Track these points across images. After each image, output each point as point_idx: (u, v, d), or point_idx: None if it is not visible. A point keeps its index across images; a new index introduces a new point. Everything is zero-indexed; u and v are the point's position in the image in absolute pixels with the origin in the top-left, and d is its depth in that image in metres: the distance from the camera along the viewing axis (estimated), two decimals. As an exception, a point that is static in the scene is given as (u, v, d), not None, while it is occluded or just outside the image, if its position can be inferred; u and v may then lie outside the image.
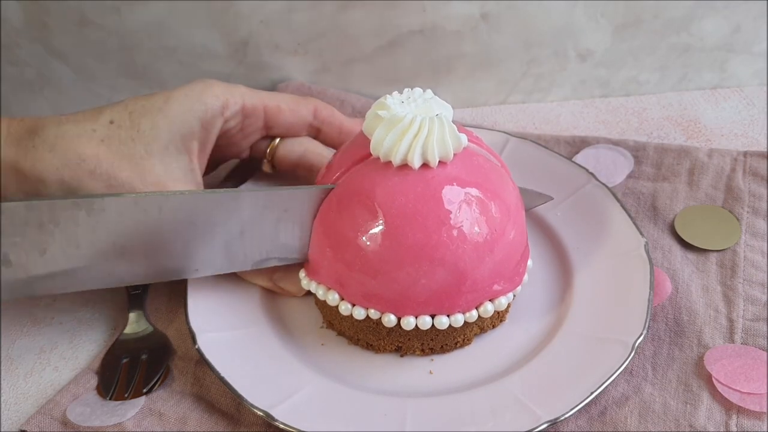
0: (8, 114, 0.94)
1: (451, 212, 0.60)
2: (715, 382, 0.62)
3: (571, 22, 0.90)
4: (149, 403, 0.64)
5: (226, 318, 0.68)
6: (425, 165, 0.61)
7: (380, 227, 0.60)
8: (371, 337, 0.66)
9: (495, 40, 0.91)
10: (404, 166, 0.61)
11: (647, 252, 0.70)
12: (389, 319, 0.63)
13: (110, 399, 0.65)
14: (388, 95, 0.64)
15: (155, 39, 0.89)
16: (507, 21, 0.90)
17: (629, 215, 0.73)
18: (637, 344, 0.63)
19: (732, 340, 0.66)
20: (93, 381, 0.67)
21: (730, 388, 0.62)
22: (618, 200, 0.75)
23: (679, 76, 0.95)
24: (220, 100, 0.70)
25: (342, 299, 0.64)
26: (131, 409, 0.64)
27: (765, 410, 0.60)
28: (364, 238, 0.61)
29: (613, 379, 0.61)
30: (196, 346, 0.64)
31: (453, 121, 0.64)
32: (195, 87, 0.70)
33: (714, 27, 0.91)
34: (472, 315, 0.63)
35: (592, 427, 0.61)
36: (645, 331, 0.64)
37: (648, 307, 0.65)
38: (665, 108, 0.93)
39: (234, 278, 0.71)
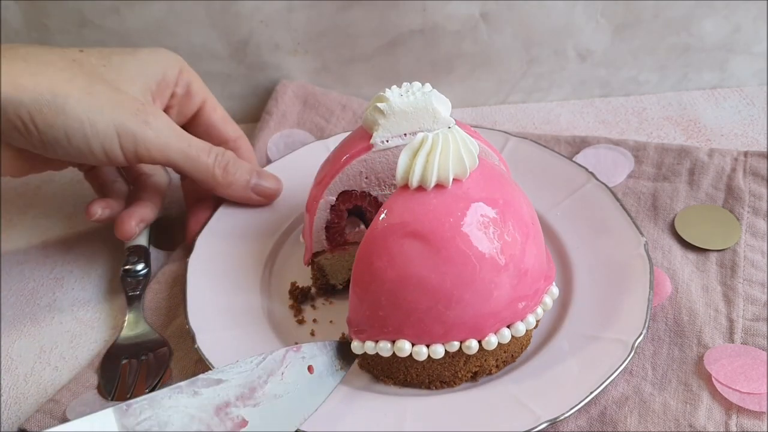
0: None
1: (496, 218, 0.59)
2: (714, 381, 0.62)
3: (571, 21, 0.90)
4: (149, 403, 0.64)
5: (226, 318, 0.68)
6: (455, 181, 0.60)
7: (439, 253, 0.58)
8: (446, 374, 0.64)
9: (495, 40, 0.91)
10: (436, 186, 0.59)
11: (647, 251, 0.69)
12: (471, 345, 0.60)
13: (112, 399, 0.65)
14: (387, 89, 0.64)
15: (155, 39, 0.89)
16: (507, 21, 0.90)
17: (629, 214, 0.73)
18: (637, 344, 0.63)
19: (732, 340, 0.66)
20: (93, 380, 0.67)
21: (729, 387, 0.62)
22: (617, 200, 0.75)
23: (679, 76, 0.95)
24: (179, 65, 0.75)
25: (414, 344, 0.61)
26: (131, 409, 0.64)
27: (765, 410, 0.60)
28: (426, 271, 0.58)
29: (613, 379, 0.61)
30: (196, 346, 0.64)
31: (452, 118, 0.65)
32: (158, 50, 0.75)
33: (714, 27, 0.91)
34: (538, 313, 0.63)
35: (592, 427, 0.61)
36: (645, 331, 0.64)
37: (648, 307, 0.65)
38: (665, 108, 0.93)
39: (233, 278, 0.71)
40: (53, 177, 0.91)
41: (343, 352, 0.63)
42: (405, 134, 0.65)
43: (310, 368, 0.60)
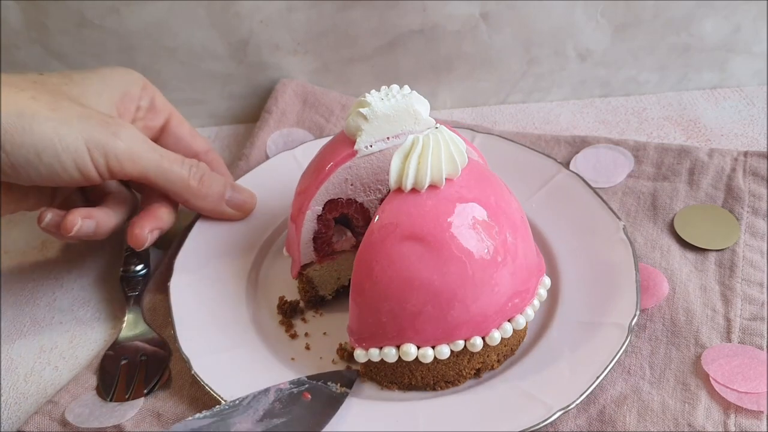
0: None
1: (490, 215, 0.60)
2: (712, 381, 0.62)
3: (571, 22, 0.90)
4: (147, 404, 0.65)
5: (218, 340, 0.67)
6: (447, 180, 0.60)
7: (439, 254, 0.58)
8: (450, 374, 0.64)
9: (495, 40, 0.91)
10: (429, 188, 0.60)
11: (626, 234, 0.70)
12: (476, 343, 0.61)
13: (111, 400, 0.65)
14: (367, 93, 0.65)
15: (155, 39, 0.89)
16: (507, 21, 0.90)
17: (603, 200, 0.74)
18: (632, 325, 0.63)
19: (729, 340, 0.66)
20: (92, 382, 0.67)
21: (727, 387, 0.62)
22: (590, 187, 0.75)
23: (679, 76, 0.95)
24: (141, 80, 0.75)
25: (419, 347, 0.61)
26: (130, 410, 0.64)
27: (763, 409, 0.60)
28: (427, 272, 0.58)
29: (615, 364, 0.61)
30: (193, 372, 0.63)
31: (430, 116, 0.65)
32: (118, 68, 0.75)
33: (714, 27, 0.91)
34: (535, 305, 0.64)
35: (591, 427, 0.61)
36: (638, 312, 0.64)
37: (637, 288, 0.66)
38: (665, 108, 0.93)
39: (218, 298, 0.71)
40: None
41: (337, 376, 0.64)
42: (388, 138, 0.65)
43: (304, 395, 0.61)
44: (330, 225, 0.68)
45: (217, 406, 0.60)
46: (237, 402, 0.60)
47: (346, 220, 0.69)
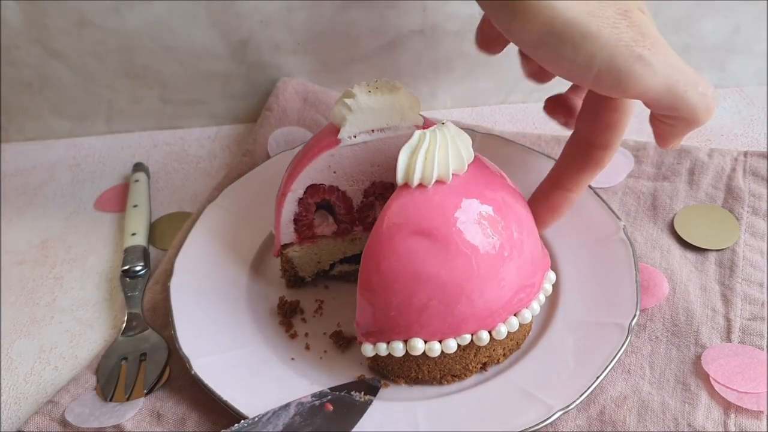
0: (8, 115, 0.94)
1: (497, 210, 0.60)
2: (712, 381, 0.62)
3: (571, 21, 0.90)
4: (148, 404, 0.65)
5: (217, 339, 0.67)
6: (453, 176, 0.60)
7: (447, 249, 0.59)
8: (457, 368, 0.64)
9: (495, 40, 0.91)
10: (436, 183, 0.60)
11: (626, 234, 0.71)
12: (483, 337, 0.61)
13: (110, 400, 0.65)
14: (356, 84, 0.65)
15: (155, 39, 0.89)
16: (507, 21, 0.89)
17: (603, 200, 0.74)
18: (632, 325, 0.63)
19: (729, 340, 0.66)
20: (92, 381, 0.67)
21: (727, 387, 0.62)
22: (590, 187, 0.75)
23: (680, 76, 0.94)
24: None
25: (426, 342, 0.61)
26: (130, 410, 0.64)
27: (763, 409, 0.60)
28: (435, 267, 0.59)
29: (615, 362, 0.61)
30: (193, 372, 0.63)
31: (421, 115, 0.66)
32: None
33: (714, 27, 0.91)
34: (540, 299, 0.64)
35: (591, 427, 0.61)
36: (638, 312, 0.64)
37: (637, 288, 0.66)
38: (665, 108, 0.93)
39: (218, 297, 0.71)
40: (53, 177, 0.91)
41: (361, 385, 0.64)
42: (373, 130, 0.65)
43: (326, 406, 0.61)
44: (310, 209, 0.69)
45: (236, 425, 0.59)
46: (256, 419, 0.60)
47: (329, 207, 0.70)
